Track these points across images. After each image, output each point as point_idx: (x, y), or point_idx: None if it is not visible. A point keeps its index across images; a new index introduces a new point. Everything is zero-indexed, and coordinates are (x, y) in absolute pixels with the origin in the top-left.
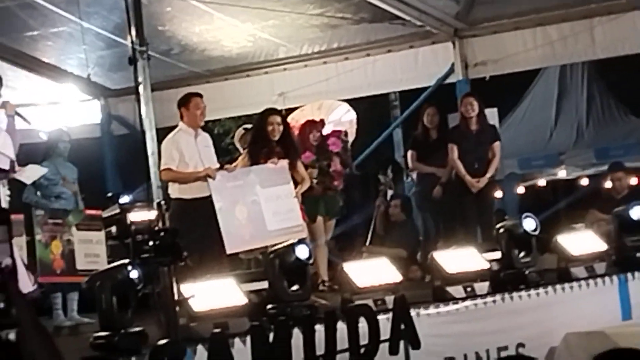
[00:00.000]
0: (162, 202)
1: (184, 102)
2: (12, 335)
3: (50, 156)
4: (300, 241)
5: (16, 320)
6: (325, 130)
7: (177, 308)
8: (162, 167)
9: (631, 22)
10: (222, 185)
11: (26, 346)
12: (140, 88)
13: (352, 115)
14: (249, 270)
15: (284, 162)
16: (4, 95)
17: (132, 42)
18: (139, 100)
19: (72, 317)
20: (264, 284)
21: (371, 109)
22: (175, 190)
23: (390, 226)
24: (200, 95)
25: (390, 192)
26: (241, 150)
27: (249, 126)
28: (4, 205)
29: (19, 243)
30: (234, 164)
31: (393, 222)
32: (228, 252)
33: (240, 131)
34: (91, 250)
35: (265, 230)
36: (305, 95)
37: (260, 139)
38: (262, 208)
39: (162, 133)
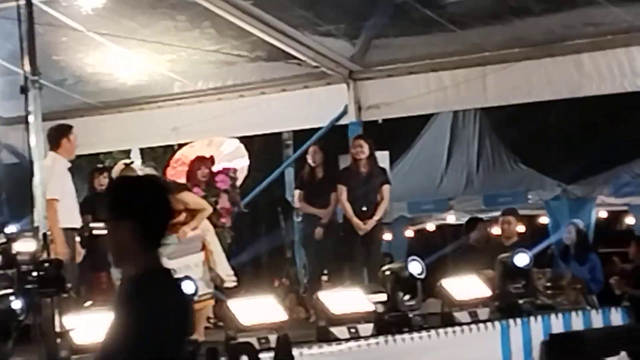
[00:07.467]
0: (48, 233)
1: (66, 132)
2: None
3: None
4: (186, 277)
5: None
6: (215, 168)
7: (58, 340)
8: (49, 197)
9: (523, 72)
10: None
11: None
12: (31, 117)
13: (245, 162)
14: None
15: None
16: None
17: (25, 71)
18: (28, 130)
19: None
20: None
21: (264, 148)
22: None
23: None
24: None
25: None
26: None
27: (128, 161)
28: None
29: None
30: None
31: None
32: None
33: (120, 165)
34: None
35: None
36: (199, 131)
37: None
38: None
39: None
